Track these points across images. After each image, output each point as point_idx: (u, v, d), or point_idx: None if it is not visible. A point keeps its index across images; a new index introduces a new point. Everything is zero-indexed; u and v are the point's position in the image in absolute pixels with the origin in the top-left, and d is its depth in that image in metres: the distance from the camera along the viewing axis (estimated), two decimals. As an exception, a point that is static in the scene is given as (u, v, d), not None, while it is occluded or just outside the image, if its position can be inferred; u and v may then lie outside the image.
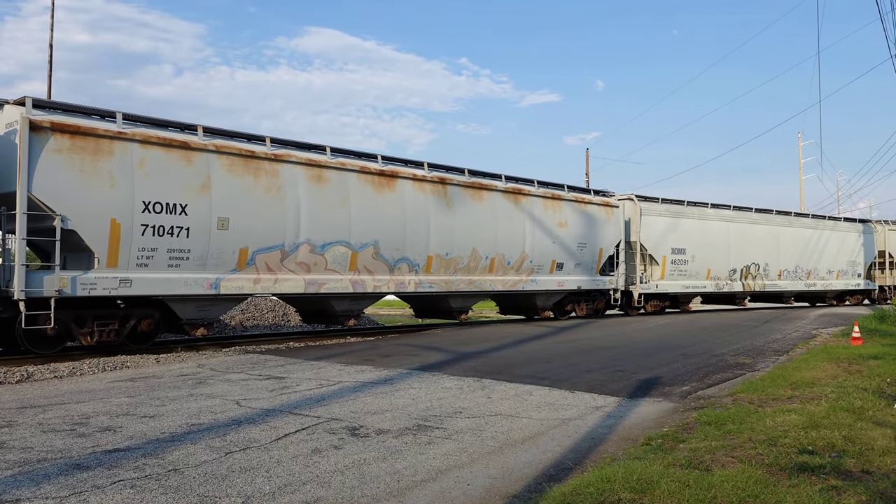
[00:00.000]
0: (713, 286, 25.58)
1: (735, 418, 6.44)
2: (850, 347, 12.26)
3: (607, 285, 21.91)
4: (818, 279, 30.07)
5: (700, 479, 4.54)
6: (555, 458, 5.42)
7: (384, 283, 15.66)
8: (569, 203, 20.43)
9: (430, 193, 16.55)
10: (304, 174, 14.20)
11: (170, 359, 11.46)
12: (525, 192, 18.99)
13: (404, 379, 9.19)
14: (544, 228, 19.40)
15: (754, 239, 27.13)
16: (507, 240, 18.31)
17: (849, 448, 5.33)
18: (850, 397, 7.36)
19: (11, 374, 9.54)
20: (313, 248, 14.27)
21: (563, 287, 20.27)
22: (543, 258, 19.39)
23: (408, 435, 6.06)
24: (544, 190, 19.71)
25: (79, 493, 4.41)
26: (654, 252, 23.51)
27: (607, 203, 21.95)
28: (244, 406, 7.28)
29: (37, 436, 5.95)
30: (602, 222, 21.50)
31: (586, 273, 21.06)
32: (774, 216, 28.47)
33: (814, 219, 30.62)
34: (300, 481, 4.72)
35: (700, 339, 15.07)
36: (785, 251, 28.37)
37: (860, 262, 32.12)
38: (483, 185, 17.93)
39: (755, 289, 27.30)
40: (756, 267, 27.27)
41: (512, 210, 18.55)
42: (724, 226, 26.09)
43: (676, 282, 24.33)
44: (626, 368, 10.32)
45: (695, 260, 24.80)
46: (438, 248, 16.59)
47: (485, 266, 17.79)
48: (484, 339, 14.66)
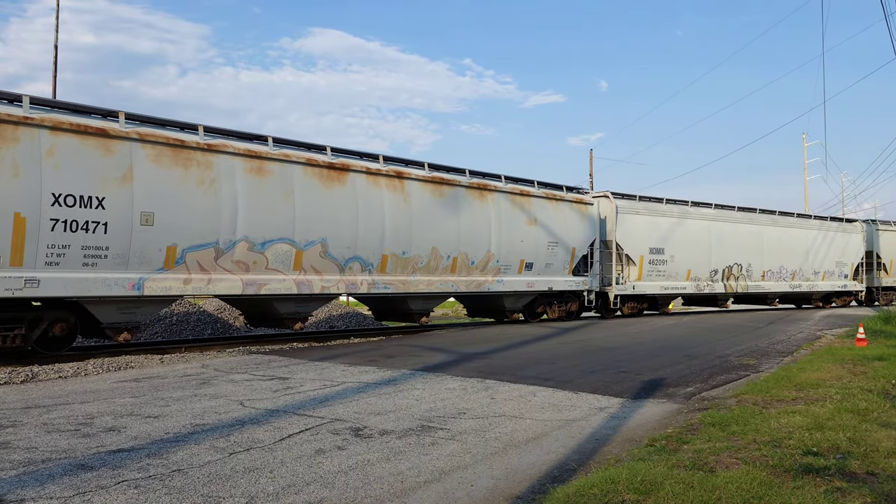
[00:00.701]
0: (693, 287, 24.71)
1: (739, 419, 6.42)
2: (855, 349, 12.22)
3: (581, 286, 20.94)
4: (803, 280, 29.14)
5: (704, 480, 4.53)
6: (559, 459, 5.41)
7: (333, 284, 14.65)
8: (538, 200, 19.48)
9: (386, 188, 15.60)
10: (243, 166, 13.23)
11: (174, 359, 11.48)
12: (491, 187, 18.06)
13: (408, 380, 9.19)
14: (512, 226, 18.46)
15: (737, 238, 26.27)
16: (470, 238, 17.35)
17: (854, 450, 5.31)
18: (855, 399, 7.33)
19: (16, 375, 9.57)
20: (252, 245, 13.29)
21: (533, 288, 19.35)
22: (511, 258, 18.47)
23: (411, 436, 6.06)
24: (512, 186, 18.74)
25: (83, 493, 4.42)
26: (631, 252, 22.64)
27: (581, 200, 20.99)
28: (248, 406, 7.29)
29: (41, 436, 5.96)
30: (575, 220, 20.61)
31: (558, 274, 20.12)
32: (758, 215, 27.61)
33: (799, 218, 29.69)
34: (304, 482, 4.72)
35: (704, 340, 15.04)
36: (769, 251, 27.48)
37: (847, 263, 31.26)
38: (445, 180, 16.93)
39: (737, 290, 26.41)
40: (738, 267, 26.37)
41: (476, 207, 17.60)
42: (704, 225, 25.17)
43: (654, 283, 23.42)
44: (630, 369, 10.31)
45: (674, 260, 23.88)
46: (395, 246, 15.66)
47: (446, 266, 16.83)
48: (487, 340, 14.65)
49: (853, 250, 31.50)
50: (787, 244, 28.24)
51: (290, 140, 14.27)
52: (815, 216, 30.79)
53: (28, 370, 9.93)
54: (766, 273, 27.43)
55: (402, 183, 15.95)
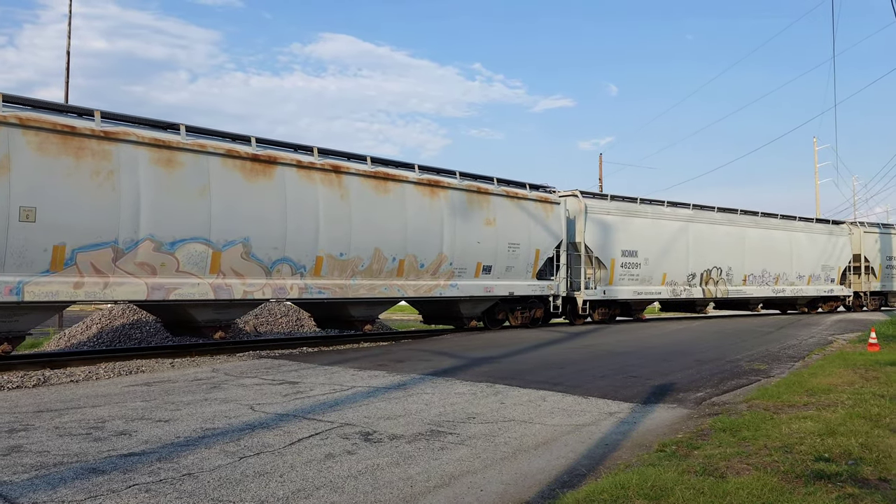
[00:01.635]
0: (669, 292, 23.44)
1: (750, 425, 6.39)
2: (867, 354, 12.14)
3: (546, 291, 19.67)
4: (787, 285, 27.93)
5: (715, 486, 4.51)
6: (568, 464, 5.40)
7: (258, 288, 13.34)
8: (498, 198, 18.16)
9: (321, 183, 14.27)
10: (148, 157, 11.82)
11: (185, 363, 11.54)
12: (443, 184, 16.73)
13: (417, 384, 9.20)
14: (467, 226, 17.20)
15: (716, 240, 25.03)
16: (420, 239, 16.04)
17: (866, 455, 5.27)
18: (867, 404, 7.28)
19: (28, 378, 9.64)
20: (159, 245, 11.90)
21: (492, 293, 18.12)
22: (466, 260, 17.18)
23: (421, 440, 6.06)
24: (468, 183, 17.52)
25: (94, 496, 4.45)
26: (602, 254, 21.39)
27: (546, 199, 19.71)
28: (258, 411, 7.31)
29: (53, 439, 6.00)
30: (539, 220, 19.29)
31: (520, 277, 18.84)
32: (739, 216, 26.35)
33: (783, 219, 28.35)
34: (314, 486, 4.73)
35: (714, 344, 14.97)
36: (751, 254, 26.22)
37: (834, 267, 30.00)
38: (390, 175, 15.64)
39: (717, 295, 25.17)
40: (718, 271, 25.11)
41: (427, 205, 16.29)
42: (681, 226, 23.88)
43: (627, 287, 22.15)
44: (640, 374, 10.28)
45: (648, 263, 22.59)
46: (331, 247, 14.37)
47: (392, 269, 15.58)
48: (496, 345, 14.64)
49: (840, 253, 30.34)
50: (771, 247, 27.11)
51: (207, 129, 13.05)
52: (799, 217, 29.33)
53: (40, 374, 10.00)
54: (747, 277, 26.24)
55: (340, 178, 14.62)
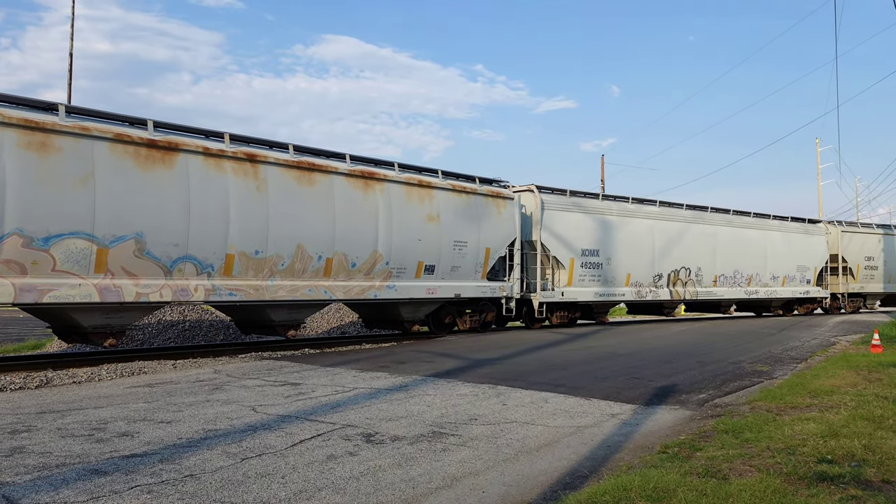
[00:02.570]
0: (634, 294, 22.14)
1: (753, 427, 6.38)
2: (870, 355, 12.11)
3: (498, 293, 18.27)
4: (761, 286, 26.75)
5: (717, 487, 4.50)
6: (570, 465, 5.39)
7: (154, 290, 11.80)
8: (443, 192, 16.78)
9: (233, 174, 12.82)
10: (16, 139, 10.46)
11: (187, 365, 11.54)
12: (379, 176, 15.35)
13: (419, 385, 9.19)
14: (407, 222, 15.81)
15: (685, 240, 23.72)
16: (350, 236, 14.65)
17: (869, 457, 5.26)
18: (870, 406, 7.27)
19: (31, 380, 9.65)
20: (30, 241, 10.54)
21: (436, 295, 16.63)
22: (406, 259, 15.82)
23: (423, 442, 6.05)
24: (408, 175, 16.07)
25: (97, 497, 4.45)
26: (560, 254, 19.98)
27: (497, 194, 18.30)
28: (260, 412, 7.31)
29: (55, 441, 6.01)
30: (490, 217, 17.91)
31: (468, 278, 17.42)
32: (710, 214, 25.16)
33: (756, 218, 27.15)
34: (315, 487, 4.73)
35: (717, 346, 14.95)
36: (722, 254, 25.04)
37: (810, 267, 28.79)
38: (316, 165, 14.20)
39: (685, 297, 23.99)
40: (686, 272, 23.82)
41: (359, 199, 14.91)
42: (647, 224, 22.55)
43: (587, 288, 20.70)
44: (643, 376, 10.26)
45: (610, 263, 21.25)
46: (244, 244, 12.94)
47: (318, 268, 14.16)
48: (499, 346, 14.63)
49: (817, 253, 29.23)
50: (743, 246, 25.95)
51: (96, 111, 11.63)
52: (774, 216, 28.11)
53: (43, 375, 10.01)
54: (718, 278, 25.05)
55: (256, 168, 13.19)
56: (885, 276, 31.84)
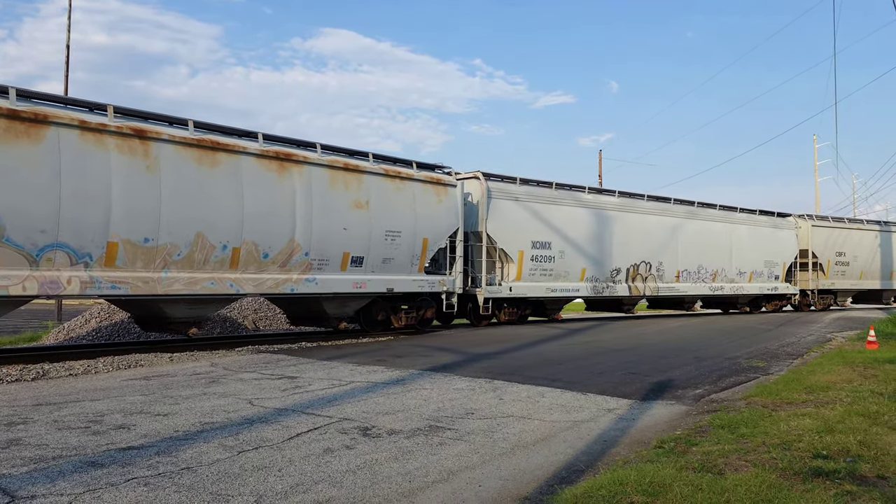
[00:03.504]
0: (589, 289, 20.86)
1: (749, 422, 6.40)
2: (866, 351, 12.15)
3: (437, 287, 16.78)
4: (726, 282, 25.62)
5: (713, 482, 4.51)
6: (567, 460, 5.41)
7: (15, 282, 10.35)
8: (374, 177, 15.29)
9: (117, 151, 11.35)
10: None
11: (183, 357, 11.54)
12: (297, 158, 13.83)
13: (416, 379, 9.20)
14: (331, 209, 14.37)
15: (646, 232, 22.48)
16: (262, 223, 13.16)
17: (864, 453, 5.28)
18: (866, 402, 7.29)
19: (27, 372, 9.64)
20: None
21: (364, 290, 15.21)
22: (329, 250, 14.36)
23: (419, 435, 6.06)
24: (332, 157, 14.58)
25: (93, 490, 4.45)
26: (509, 246, 18.58)
27: (438, 180, 16.80)
28: (257, 405, 7.32)
29: (52, 433, 6.01)
30: (429, 205, 16.48)
31: (402, 271, 15.99)
32: (672, 206, 23.92)
33: (723, 210, 26.04)
34: (312, 481, 4.74)
35: (713, 341, 14.99)
36: (685, 248, 23.80)
37: (779, 263, 27.74)
38: (220, 144, 12.61)
39: (645, 292, 22.81)
40: (647, 266, 22.62)
41: (273, 182, 13.43)
42: (605, 215, 21.37)
43: (539, 283, 19.33)
44: (639, 371, 10.29)
45: (564, 257, 19.86)
46: (130, 231, 11.45)
47: (222, 259, 12.61)
48: (496, 341, 14.65)
49: (786, 249, 28.21)
50: (708, 240, 24.81)
51: None
52: (741, 209, 26.98)
53: (39, 367, 10.00)
54: (681, 273, 23.82)
55: (147, 145, 11.72)
56: (857, 272, 30.73)
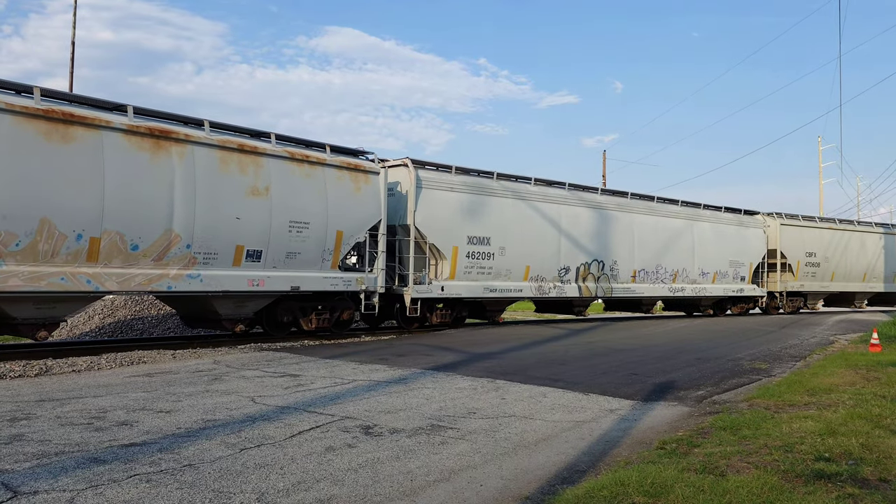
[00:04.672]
0: (534, 290, 18.97)
1: (751, 424, 6.39)
2: (869, 354, 12.12)
3: (355, 286, 15.02)
4: (688, 282, 23.92)
5: (715, 484, 4.51)
6: (568, 460, 5.41)
7: None
8: (275, 161, 13.53)
9: None
10: None
11: (186, 355, 11.56)
12: (177, 136, 12.03)
13: (418, 378, 9.21)
14: (220, 196, 12.56)
15: (599, 229, 20.87)
16: (130, 210, 11.44)
17: (866, 456, 5.27)
18: (868, 404, 7.28)
19: (30, 368, 9.67)
20: None
21: (263, 288, 13.42)
22: (217, 242, 12.58)
23: (421, 434, 6.07)
24: (223, 137, 12.80)
25: (95, 486, 4.46)
26: (441, 241, 16.76)
27: (356, 166, 15.04)
28: (259, 403, 7.33)
29: (55, 429, 6.02)
30: (345, 194, 14.73)
31: (312, 267, 14.25)
32: (629, 201, 22.24)
33: (685, 206, 24.39)
34: (314, 479, 4.74)
35: (716, 343, 14.97)
36: (642, 246, 22.17)
37: (745, 263, 26.12)
38: (75, 116, 10.90)
39: (598, 294, 20.98)
40: (599, 265, 20.83)
41: (145, 163, 11.63)
42: (553, 210, 19.45)
43: (476, 283, 17.51)
44: (641, 372, 10.28)
45: (505, 254, 18.05)
46: None
47: (76, 251, 10.93)
48: (498, 341, 14.65)
49: (753, 248, 26.56)
50: (668, 238, 23.15)
51: None
52: (704, 205, 25.45)
53: (42, 363, 10.02)
54: (637, 273, 22.15)
55: None
56: (829, 273, 29.10)
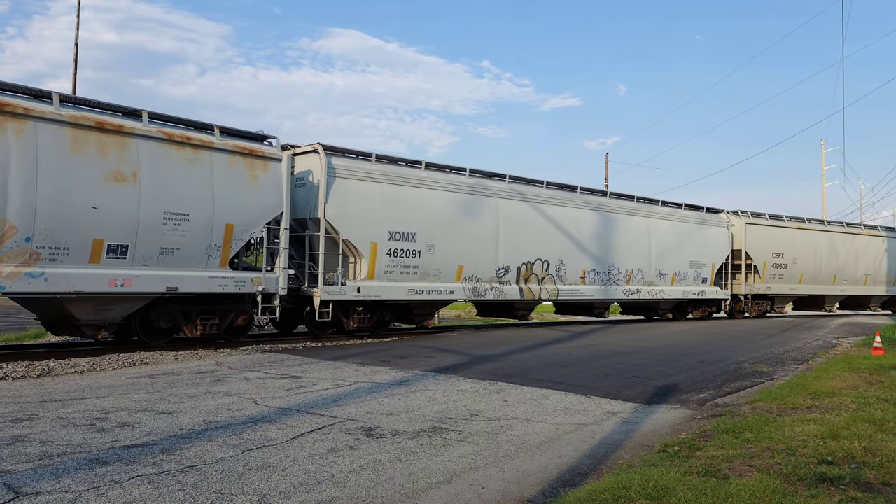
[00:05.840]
0: (467, 291, 17.19)
1: (753, 427, 6.38)
2: (872, 358, 12.09)
3: (249, 287, 13.14)
4: (643, 284, 22.23)
5: (717, 487, 4.50)
6: (570, 463, 5.40)
7: None
8: (148, 142, 11.72)
9: None
10: None
11: (188, 356, 11.57)
12: (15, 109, 10.30)
13: (420, 381, 9.20)
14: (71, 181, 10.83)
15: (543, 225, 19.03)
16: None
17: (869, 459, 5.26)
18: (871, 408, 7.26)
19: (33, 369, 9.68)
20: None
21: (129, 289, 11.55)
22: (68, 235, 10.83)
23: (423, 437, 6.06)
24: (78, 113, 11.04)
25: (97, 487, 4.46)
26: (356, 237, 15.02)
27: (251, 151, 13.16)
28: (261, 405, 7.33)
29: (57, 430, 6.03)
30: (236, 182, 12.87)
31: (194, 265, 12.34)
32: (578, 195, 20.49)
33: (640, 203, 22.67)
34: (316, 481, 4.74)
35: (718, 346, 14.94)
36: (593, 245, 20.48)
37: (707, 264, 24.39)
38: None
39: (542, 296, 19.13)
40: (544, 265, 19.07)
41: None
42: (490, 204, 17.74)
43: (399, 283, 15.75)
44: (643, 374, 10.27)
45: (433, 252, 16.34)
46: None
47: None
48: (501, 343, 14.64)
49: (716, 248, 24.89)
50: (622, 236, 21.47)
51: None
52: (662, 202, 23.71)
53: (44, 364, 10.04)
54: (587, 273, 20.34)
55: None
56: (797, 275, 27.43)
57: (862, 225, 31.98)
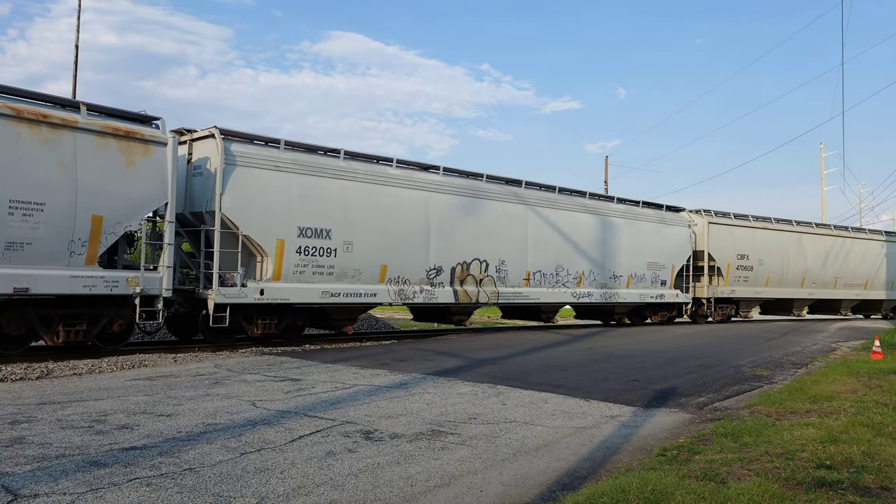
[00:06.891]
0: (393, 294, 15.75)
1: (752, 431, 6.38)
2: (871, 362, 12.09)
3: (123, 288, 11.58)
4: (596, 287, 20.73)
5: (716, 491, 4.50)
6: (569, 466, 5.40)
7: None
8: None
9: None
10: None
11: (187, 358, 11.56)
12: None
13: (419, 383, 9.20)
14: None
15: (483, 221, 17.58)
16: None
17: (868, 464, 5.26)
18: (870, 412, 7.26)
19: (32, 371, 9.67)
20: None
21: None
22: None
23: (422, 440, 6.06)
24: None
25: (95, 489, 4.46)
26: (259, 232, 13.56)
27: (129, 133, 11.64)
28: (260, 407, 7.32)
29: (55, 432, 6.02)
30: (108, 168, 11.32)
31: (51, 263, 10.74)
32: (523, 190, 18.91)
33: (593, 199, 21.21)
34: (314, 483, 4.74)
35: (717, 349, 14.94)
36: (539, 244, 18.91)
37: (666, 266, 23.01)
38: None
39: (480, 299, 17.56)
40: (482, 265, 17.56)
41: None
42: (420, 197, 16.25)
43: (311, 285, 14.30)
44: (642, 378, 10.26)
45: (351, 250, 14.89)
46: None
47: None
48: (500, 346, 14.63)
49: (676, 248, 23.52)
50: (571, 235, 19.89)
51: None
52: (618, 199, 22.29)
53: (43, 366, 10.03)
54: (532, 275, 18.80)
55: None
56: (763, 278, 26.17)
57: (832, 226, 30.23)
